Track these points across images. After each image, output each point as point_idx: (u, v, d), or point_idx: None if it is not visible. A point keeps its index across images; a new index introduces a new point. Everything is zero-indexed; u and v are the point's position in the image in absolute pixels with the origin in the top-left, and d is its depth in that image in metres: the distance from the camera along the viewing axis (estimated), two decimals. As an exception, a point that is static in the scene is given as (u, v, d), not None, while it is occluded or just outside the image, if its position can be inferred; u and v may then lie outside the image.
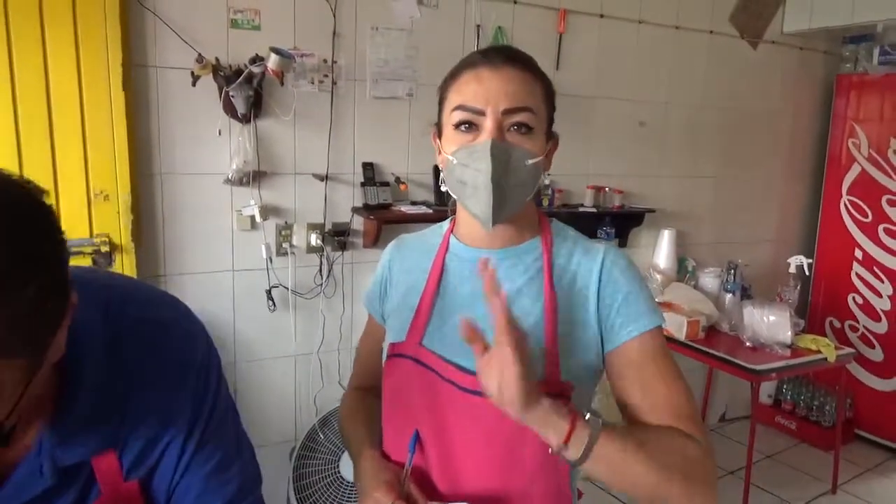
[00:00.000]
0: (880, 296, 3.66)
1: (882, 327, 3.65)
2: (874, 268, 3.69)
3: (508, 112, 0.90)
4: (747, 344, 2.88)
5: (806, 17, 3.58)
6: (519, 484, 0.93)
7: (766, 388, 3.88)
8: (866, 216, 3.72)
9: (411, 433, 0.98)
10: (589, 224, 3.13)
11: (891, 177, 3.58)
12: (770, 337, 2.87)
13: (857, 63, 3.76)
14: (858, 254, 3.76)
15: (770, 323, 2.89)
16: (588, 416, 0.82)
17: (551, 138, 0.99)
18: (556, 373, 0.92)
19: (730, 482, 3.18)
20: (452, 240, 1.05)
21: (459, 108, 0.92)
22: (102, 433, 0.71)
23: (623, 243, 3.29)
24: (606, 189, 3.14)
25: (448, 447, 0.95)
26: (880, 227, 3.65)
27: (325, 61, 2.42)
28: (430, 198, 2.67)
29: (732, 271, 3.27)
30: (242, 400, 2.52)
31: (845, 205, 3.82)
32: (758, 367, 2.67)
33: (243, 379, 2.52)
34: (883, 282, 3.64)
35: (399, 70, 2.57)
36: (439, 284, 1.02)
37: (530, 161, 0.91)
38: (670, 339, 2.97)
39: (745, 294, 3.29)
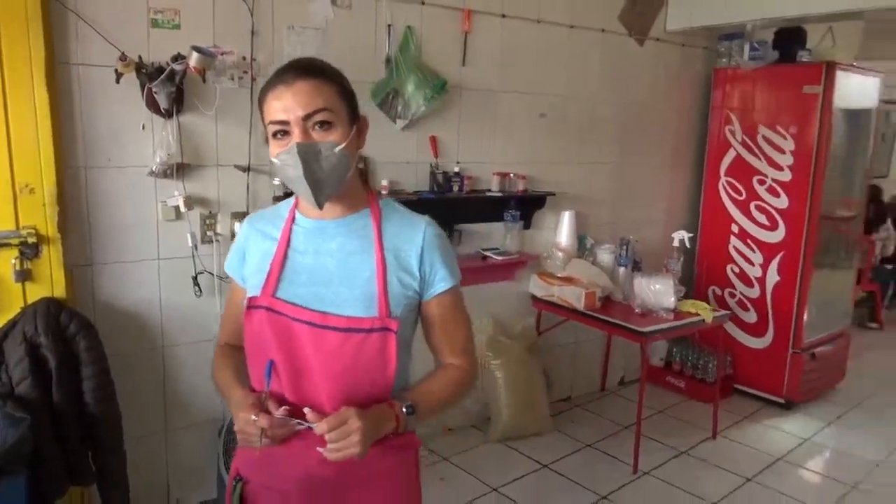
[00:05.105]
0: (753, 264, 4.14)
1: (755, 292, 4.14)
2: (748, 240, 4.16)
3: (307, 116, 1.14)
4: (637, 310, 3.24)
5: (686, 17, 3.97)
6: (359, 399, 1.18)
7: (658, 352, 4.31)
8: (741, 194, 4.18)
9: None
10: (496, 207, 3.39)
11: (760, 159, 4.05)
12: (656, 303, 3.24)
13: (731, 58, 4.18)
14: (735, 228, 4.22)
15: (656, 291, 3.26)
16: (405, 409, 1.20)
17: (356, 121, 1.22)
18: (386, 312, 1.21)
19: (624, 435, 3.57)
20: (297, 213, 1.31)
21: (271, 122, 1.17)
22: None
23: (528, 224, 3.57)
24: (511, 175, 3.41)
25: (299, 372, 1.21)
26: (752, 204, 4.12)
27: (244, 58, 2.55)
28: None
29: (625, 247, 3.62)
30: (170, 382, 2.64)
31: (723, 185, 4.27)
32: (645, 330, 3.03)
33: (171, 362, 2.62)
34: (755, 251, 4.12)
35: (315, 66, 2.72)
36: (287, 248, 1.27)
37: (337, 148, 1.16)
38: (571, 310, 3.30)
39: (637, 267, 3.66)
